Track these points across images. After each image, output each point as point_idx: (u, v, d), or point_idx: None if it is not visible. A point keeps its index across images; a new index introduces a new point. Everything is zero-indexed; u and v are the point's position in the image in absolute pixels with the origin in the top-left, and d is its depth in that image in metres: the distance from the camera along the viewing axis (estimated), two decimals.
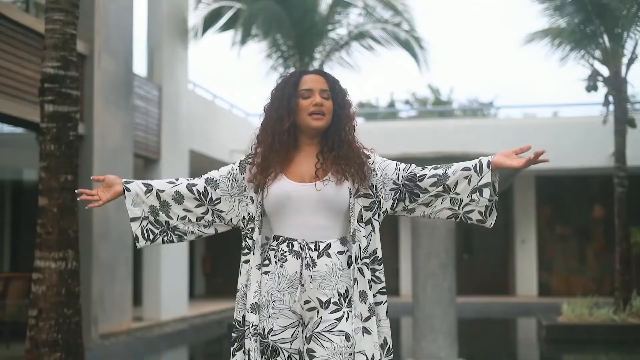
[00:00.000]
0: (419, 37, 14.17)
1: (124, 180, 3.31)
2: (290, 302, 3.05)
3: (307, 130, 3.14)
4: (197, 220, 3.25)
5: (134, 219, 3.27)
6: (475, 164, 3.05)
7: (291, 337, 3.05)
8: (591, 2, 12.32)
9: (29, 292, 6.12)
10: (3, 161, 13.60)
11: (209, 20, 14.69)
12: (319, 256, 3.04)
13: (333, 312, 3.02)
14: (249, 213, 3.16)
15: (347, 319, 3.01)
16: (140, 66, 13.57)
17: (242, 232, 3.18)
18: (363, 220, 3.08)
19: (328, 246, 3.05)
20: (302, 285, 3.02)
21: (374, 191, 3.12)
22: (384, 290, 3.15)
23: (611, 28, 12.55)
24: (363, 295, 3.04)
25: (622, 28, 12.52)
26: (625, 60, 12.78)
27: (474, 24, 52.75)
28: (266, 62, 14.33)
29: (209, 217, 3.24)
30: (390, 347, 3.14)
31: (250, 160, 3.18)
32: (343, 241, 3.08)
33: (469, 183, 3.05)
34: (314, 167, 3.10)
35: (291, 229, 3.07)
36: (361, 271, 3.06)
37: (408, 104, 34.42)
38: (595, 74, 13.08)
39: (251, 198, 3.14)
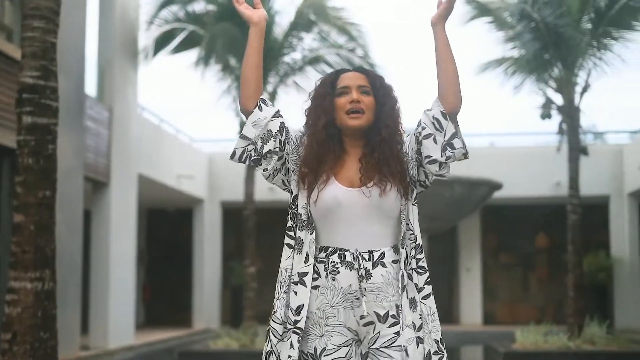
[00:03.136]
0: (373, 63, 14.13)
1: (263, 97, 3.01)
2: (346, 318, 2.83)
3: (347, 131, 2.95)
4: (276, 161, 2.97)
5: (244, 137, 2.97)
6: (432, 122, 2.88)
7: (345, 356, 2.83)
8: (548, 31, 12.44)
9: None
10: None
11: (161, 42, 14.36)
12: (373, 266, 2.84)
13: (391, 325, 2.82)
14: (297, 192, 2.94)
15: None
16: (90, 86, 13.17)
17: (290, 207, 2.96)
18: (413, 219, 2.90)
19: (382, 255, 2.85)
20: (357, 299, 2.82)
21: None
22: (429, 280, 2.94)
23: (565, 57, 12.69)
24: (413, 303, 2.84)
25: (576, 57, 12.69)
26: (578, 89, 12.94)
27: (427, 52, 52.92)
28: (219, 85, 14.06)
29: (282, 162, 2.99)
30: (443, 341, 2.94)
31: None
32: (396, 249, 2.88)
33: (435, 142, 2.88)
34: (359, 171, 2.90)
35: (342, 238, 2.86)
36: (410, 276, 2.86)
37: None
38: (549, 102, 13.22)
39: (301, 184, 2.92)
